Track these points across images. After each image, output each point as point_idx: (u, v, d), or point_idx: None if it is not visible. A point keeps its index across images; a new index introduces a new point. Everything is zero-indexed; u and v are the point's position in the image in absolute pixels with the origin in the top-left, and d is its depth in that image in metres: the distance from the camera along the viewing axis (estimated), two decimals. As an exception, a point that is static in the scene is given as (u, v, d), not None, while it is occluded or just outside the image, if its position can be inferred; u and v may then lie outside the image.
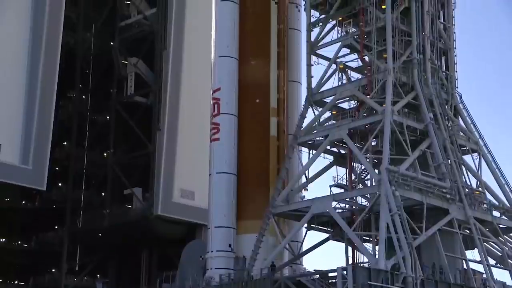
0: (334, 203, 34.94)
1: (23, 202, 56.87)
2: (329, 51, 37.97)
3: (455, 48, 38.93)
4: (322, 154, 36.84)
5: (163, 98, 52.18)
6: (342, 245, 35.26)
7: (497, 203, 37.13)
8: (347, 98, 37.29)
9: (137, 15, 55.58)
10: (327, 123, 37.43)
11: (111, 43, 56.25)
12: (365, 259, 33.88)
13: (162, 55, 52.65)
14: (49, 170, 50.17)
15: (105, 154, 56.59)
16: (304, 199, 37.26)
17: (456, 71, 38.70)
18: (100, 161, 56.27)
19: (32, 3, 50.20)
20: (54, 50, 50.98)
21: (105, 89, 57.18)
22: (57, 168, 56.02)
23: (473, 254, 34.98)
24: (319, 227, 36.51)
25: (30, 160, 48.94)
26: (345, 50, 37.89)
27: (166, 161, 51.58)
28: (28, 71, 49.89)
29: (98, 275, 55.95)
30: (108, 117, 56.92)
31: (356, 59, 37.89)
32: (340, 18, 38.04)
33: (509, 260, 35.89)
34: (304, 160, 37.28)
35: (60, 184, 57.67)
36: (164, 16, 52.90)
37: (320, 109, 37.44)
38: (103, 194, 56.32)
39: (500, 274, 35.76)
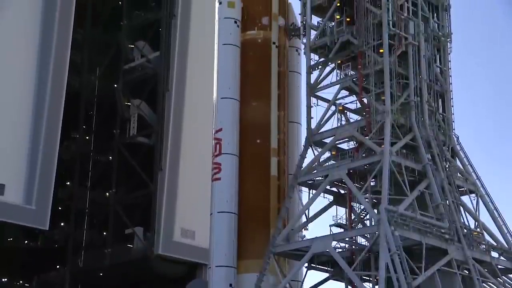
0: (334, 243, 34.56)
1: (25, 241, 56.29)
2: (329, 93, 38.11)
3: (451, 91, 39.00)
4: (322, 194, 36.61)
5: (165, 138, 52.20)
6: (342, 285, 34.81)
7: (495, 244, 36.74)
8: (346, 139, 37.24)
9: (140, 59, 55.87)
10: (327, 163, 37.28)
11: (115, 85, 56.40)
12: (365, 299, 33.40)
13: (164, 96, 52.84)
14: (51, 209, 49.79)
15: (107, 193, 56.26)
16: (304, 239, 36.89)
17: (453, 114, 38.68)
18: (102, 200, 55.96)
19: (39, 47, 50.48)
20: (59, 92, 51.10)
21: (108, 130, 57.17)
22: (59, 208, 55.61)
23: (472, 294, 34.47)
24: (319, 266, 35.98)
25: (34, 200, 48.65)
26: (344, 92, 37.97)
27: (167, 201, 51.31)
28: (33, 112, 49.92)
29: (99, 314, 55.14)
30: (110, 157, 56.79)
31: (354, 101, 37.96)
32: (339, 61, 38.23)
33: (508, 301, 35.37)
34: (304, 199, 37.09)
35: (62, 224, 57.17)
36: (167, 59, 53.24)
37: (319, 150, 37.31)
38: (104, 233, 55.80)
39: (499, 315, 35.18)
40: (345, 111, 37.90)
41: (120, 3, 58.08)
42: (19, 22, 49.80)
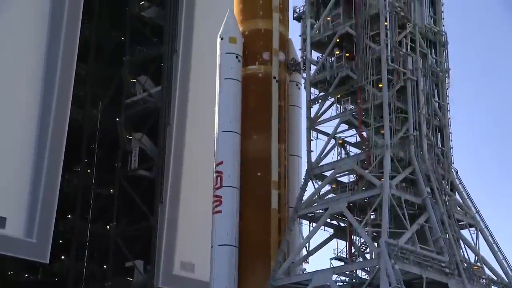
0: (334, 276, 34.24)
1: (26, 275, 55.54)
2: (328, 127, 38.13)
3: (450, 125, 38.97)
4: (322, 227, 36.29)
5: (165, 171, 51.91)
6: (342, 318, 34.31)
7: (495, 278, 36.28)
8: (346, 172, 37.08)
9: (142, 93, 55.84)
10: (327, 196, 37.05)
11: (117, 119, 56.30)
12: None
13: (165, 130, 52.66)
14: (52, 242, 49.22)
15: (108, 226, 55.74)
16: (305, 272, 36.46)
17: (452, 148, 38.59)
18: (102, 233, 55.38)
19: (43, 81, 50.47)
20: (61, 125, 50.87)
21: (109, 163, 56.86)
22: (60, 241, 54.98)
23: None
24: (320, 300, 35.48)
25: (35, 233, 48.08)
26: (344, 126, 37.96)
27: (168, 234, 50.81)
28: (35, 145, 49.65)
29: None
30: (112, 190, 56.41)
31: (354, 134, 37.90)
32: (339, 96, 38.32)
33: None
34: (305, 232, 36.76)
35: (62, 257, 56.49)
36: (168, 93, 53.23)
37: (320, 183, 37.17)
38: (105, 266, 55.13)
39: None
40: (345, 144, 37.87)
41: (123, 38, 58.29)
42: (24, 56, 49.86)
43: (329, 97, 38.52)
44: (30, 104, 49.62)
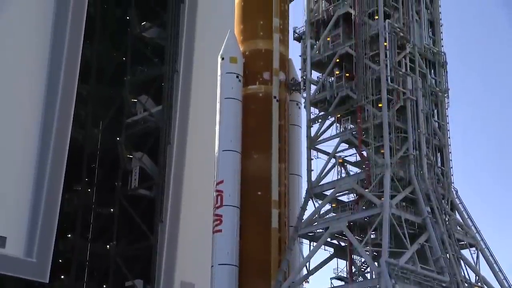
0: (335, 296, 33.88)
1: (25, 294, 55.05)
2: (328, 146, 38.09)
3: (449, 145, 38.89)
4: (322, 246, 36.02)
5: (165, 190, 51.67)
6: (343, 339, 33.91)
7: (496, 298, 35.97)
8: (347, 191, 36.93)
9: (143, 112, 55.76)
10: (327, 216, 36.84)
11: (117, 139, 56.17)
12: None
13: (166, 149, 52.48)
14: (52, 262, 48.82)
15: (107, 246, 55.35)
16: (305, 291, 36.13)
17: (451, 167, 38.46)
18: (102, 253, 54.96)
19: (44, 101, 50.39)
20: (62, 145, 50.65)
21: (110, 183, 56.61)
22: (60, 260, 54.55)
23: None
24: (320, 319, 35.17)
25: (34, 253, 47.66)
26: (344, 145, 37.91)
27: (168, 253, 50.39)
28: (36, 165, 49.38)
29: None
30: (112, 209, 56.10)
31: (354, 154, 37.82)
32: (339, 115, 38.30)
33: None
34: (305, 252, 36.52)
35: (62, 277, 56.01)
36: (169, 113, 53.14)
37: (320, 202, 37.02)
38: (104, 286, 54.63)
39: None
40: (345, 164, 37.77)
41: (124, 59, 58.35)
42: (26, 76, 49.81)
43: (329, 117, 38.50)
44: (32, 123, 49.48)
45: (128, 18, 57.78)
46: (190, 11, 54.41)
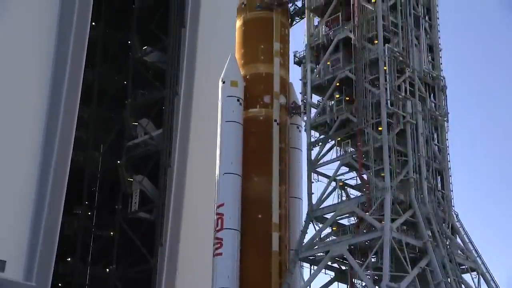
0: (336, 320, 33.49)
1: (24, 318, 54.38)
2: (329, 169, 37.90)
3: (450, 168, 38.70)
4: (323, 270, 35.69)
5: (166, 213, 51.38)
6: None
7: (497, 322, 35.56)
8: (347, 215, 36.69)
9: (143, 136, 55.67)
10: (328, 239, 36.56)
11: (118, 162, 56.02)
12: None
13: (166, 172, 52.31)
14: (51, 285, 48.33)
15: (107, 269, 54.89)
16: (306, 316, 35.64)
17: (452, 191, 38.28)
18: (102, 276, 54.48)
19: (45, 124, 50.29)
20: (63, 168, 50.43)
21: (110, 206, 56.32)
22: (59, 284, 54.07)
23: None
24: None
25: (34, 277, 47.20)
26: (344, 169, 37.71)
27: (167, 276, 49.94)
28: (36, 188, 49.07)
29: None
30: (112, 232, 55.76)
31: (355, 177, 37.62)
32: (339, 139, 38.16)
33: None
34: (306, 275, 36.16)
35: (61, 301, 55.52)
36: (170, 136, 53.06)
37: (320, 225, 36.76)
38: (104, 309, 54.11)
39: None
40: (346, 187, 37.56)
41: (125, 82, 58.42)
42: (27, 99, 49.80)
43: (330, 140, 38.38)
44: (33, 145, 49.36)
45: (129, 42, 57.97)
46: (191, 36, 54.59)
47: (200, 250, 47.25)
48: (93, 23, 54.73)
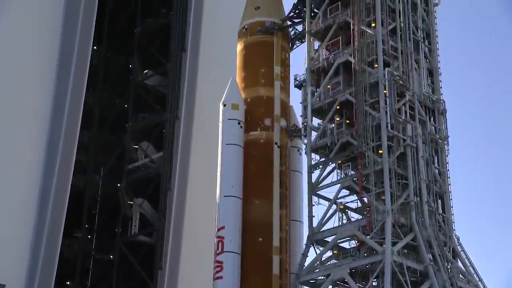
0: None
1: None
2: (329, 192, 37.63)
3: (450, 191, 38.49)
4: (324, 294, 35.29)
5: (166, 237, 51.04)
6: None
7: None
8: (348, 238, 36.38)
9: (144, 159, 55.53)
10: (329, 262, 36.22)
11: (118, 185, 55.79)
12: None
13: (166, 195, 52.08)
14: (51, 309, 47.93)
15: (107, 293, 54.43)
16: None
17: (453, 214, 37.98)
18: (102, 300, 54.02)
19: (46, 147, 50.23)
20: (63, 191, 50.29)
21: (110, 229, 56.00)
22: (58, 308, 53.55)
23: None
24: None
25: (33, 301, 46.89)
26: (345, 191, 37.47)
27: (167, 300, 49.51)
28: (37, 211, 48.94)
29: None
30: (111, 256, 55.34)
31: (355, 200, 37.39)
32: (340, 161, 37.97)
33: None
34: (307, 299, 35.68)
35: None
36: (170, 159, 52.91)
37: (321, 248, 36.43)
38: (103, 333, 53.52)
39: None
40: (346, 210, 37.27)
41: (126, 106, 58.43)
42: (29, 123, 49.78)
43: (330, 163, 38.18)
44: (33, 168, 49.24)
45: (130, 66, 58.13)
46: (192, 60, 54.74)
47: (200, 274, 46.85)
48: (95, 47, 54.99)
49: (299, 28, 42.67)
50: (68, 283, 55.73)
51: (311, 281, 36.00)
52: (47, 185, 49.66)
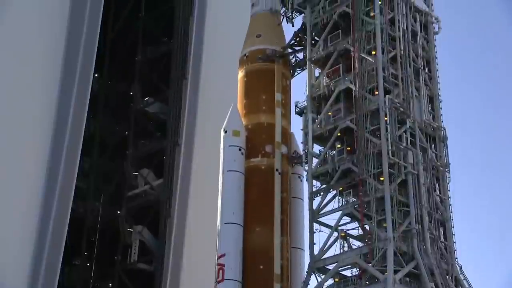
0: None
1: None
2: (331, 219, 37.34)
3: (452, 219, 38.14)
4: (326, 321, 34.86)
5: (165, 264, 50.56)
6: None
7: None
8: (349, 266, 35.98)
9: (144, 186, 55.29)
10: (330, 290, 35.78)
11: (118, 212, 55.45)
12: None
13: (166, 223, 51.73)
14: None
15: (105, 321, 53.79)
16: None
17: (455, 242, 37.64)
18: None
19: (46, 174, 50.00)
20: (63, 219, 49.93)
21: (109, 256, 55.49)
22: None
23: None
24: None
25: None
26: (346, 219, 37.19)
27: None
28: (36, 238, 48.51)
29: None
30: (111, 284, 54.77)
31: (357, 227, 37.06)
32: (341, 188, 37.74)
33: None
34: (309, 327, 35.18)
35: None
36: (170, 186, 52.67)
37: (322, 276, 36.00)
38: None
39: None
40: (347, 237, 36.90)
41: (126, 133, 58.37)
42: (29, 149, 49.61)
43: (331, 190, 37.96)
44: (33, 194, 48.95)
45: (131, 93, 58.20)
46: (192, 87, 54.83)
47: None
48: (96, 74, 55.09)
49: (300, 55, 42.77)
50: (67, 311, 55.13)
51: (313, 310, 35.56)
52: (46, 212, 49.32)
